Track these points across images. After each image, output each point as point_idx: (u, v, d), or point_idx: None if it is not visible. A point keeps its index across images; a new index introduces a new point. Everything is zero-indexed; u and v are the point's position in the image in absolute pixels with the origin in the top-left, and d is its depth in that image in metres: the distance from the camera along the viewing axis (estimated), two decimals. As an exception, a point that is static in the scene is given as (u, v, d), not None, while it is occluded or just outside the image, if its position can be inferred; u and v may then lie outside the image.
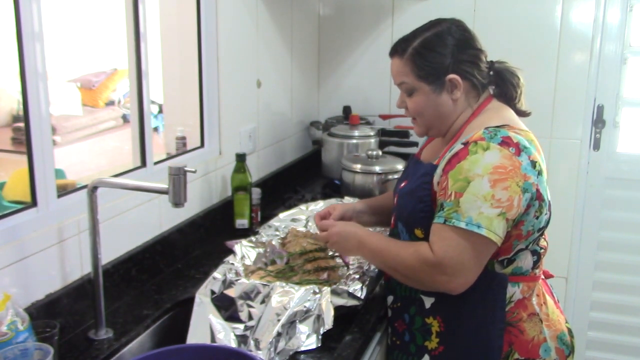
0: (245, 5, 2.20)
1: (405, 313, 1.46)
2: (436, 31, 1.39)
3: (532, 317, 1.38)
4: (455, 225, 1.25)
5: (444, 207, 1.28)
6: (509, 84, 1.44)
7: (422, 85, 1.39)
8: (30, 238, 1.32)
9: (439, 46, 1.37)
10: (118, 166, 3.25)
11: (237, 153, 2.04)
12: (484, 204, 1.24)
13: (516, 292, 1.37)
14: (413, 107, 1.43)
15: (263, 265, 1.66)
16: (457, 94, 1.39)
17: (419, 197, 1.38)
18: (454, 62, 1.37)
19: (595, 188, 2.66)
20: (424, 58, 1.37)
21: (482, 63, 1.41)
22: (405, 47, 1.40)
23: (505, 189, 1.24)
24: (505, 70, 1.44)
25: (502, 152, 1.27)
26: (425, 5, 2.72)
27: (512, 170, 1.26)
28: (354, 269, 1.60)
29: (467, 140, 1.31)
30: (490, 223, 1.24)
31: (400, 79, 1.42)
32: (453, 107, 1.41)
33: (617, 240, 2.68)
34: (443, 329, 1.40)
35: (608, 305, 2.73)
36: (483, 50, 1.42)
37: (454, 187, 1.27)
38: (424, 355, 1.42)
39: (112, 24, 3.52)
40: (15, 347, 1.11)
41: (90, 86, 4.17)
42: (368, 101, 2.92)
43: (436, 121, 1.43)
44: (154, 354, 1.12)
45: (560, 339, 1.43)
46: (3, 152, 3.40)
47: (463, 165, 1.27)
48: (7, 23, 1.32)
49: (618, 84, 2.56)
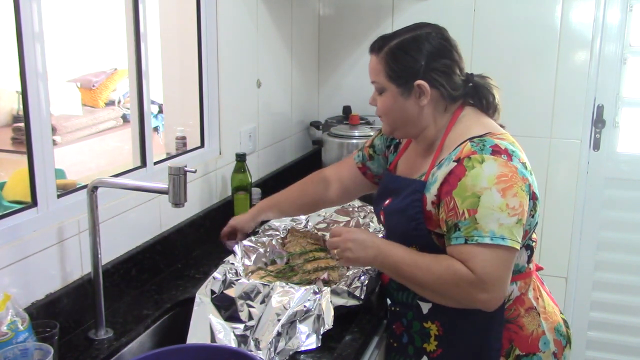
0: (245, 5, 2.20)
1: (403, 317, 1.47)
2: (414, 35, 1.37)
3: (530, 311, 1.40)
4: (479, 243, 1.24)
5: (459, 227, 1.26)
6: (484, 100, 1.42)
7: (391, 86, 1.38)
8: (30, 238, 1.32)
9: (413, 50, 1.35)
10: (118, 166, 3.25)
11: (237, 153, 2.04)
12: (501, 215, 1.23)
13: (514, 290, 1.38)
14: (380, 106, 1.43)
15: (263, 265, 1.66)
16: (424, 100, 1.37)
17: (410, 215, 1.36)
18: (425, 69, 1.35)
19: (595, 188, 2.66)
20: (396, 59, 1.36)
21: (456, 75, 1.38)
22: (382, 45, 1.39)
23: (515, 195, 1.25)
24: (482, 87, 1.42)
25: (497, 161, 1.27)
26: (425, 5, 2.71)
27: (513, 176, 1.26)
28: (354, 269, 1.59)
29: (457, 156, 1.30)
30: (511, 233, 1.24)
31: (374, 76, 1.42)
32: (419, 113, 1.39)
33: (617, 240, 2.68)
34: (442, 332, 1.40)
35: (608, 305, 2.73)
36: (459, 62, 1.40)
37: (464, 205, 1.25)
38: (422, 357, 1.43)
39: (112, 24, 3.52)
40: (15, 347, 1.11)
41: (90, 86, 4.17)
42: (368, 101, 2.92)
43: (400, 123, 1.43)
44: (154, 354, 1.12)
45: (557, 330, 1.44)
46: (3, 152, 3.40)
47: (466, 182, 1.26)
48: (7, 23, 1.32)
49: (618, 84, 2.56)
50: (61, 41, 3.61)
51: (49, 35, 1.37)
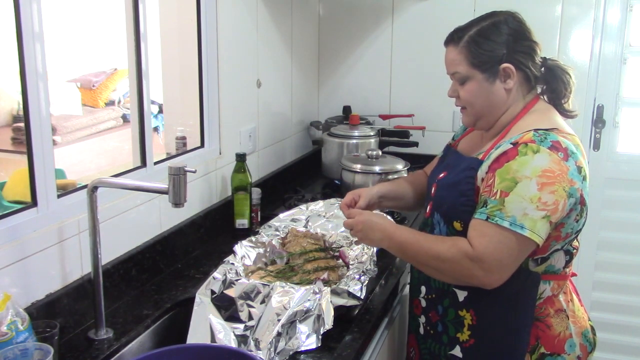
0: (245, 6, 2.20)
1: (439, 304, 1.48)
2: (493, 21, 1.40)
3: (559, 313, 1.41)
4: (497, 224, 1.26)
5: (487, 204, 1.28)
6: (560, 82, 1.43)
7: (476, 73, 1.39)
8: (30, 238, 1.32)
9: (494, 35, 1.38)
10: (118, 166, 3.25)
11: (237, 153, 2.04)
12: (529, 206, 1.25)
13: (546, 289, 1.39)
14: (465, 95, 1.43)
15: (263, 265, 1.66)
16: (510, 83, 1.39)
17: (461, 190, 1.38)
18: (508, 52, 1.37)
19: (595, 188, 2.66)
20: (478, 46, 1.38)
21: (537, 56, 1.41)
22: (461, 36, 1.41)
23: (552, 192, 1.25)
24: (557, 67, 1.43)
25: (551, 157, 1.27)
26: (425, 5, 2.72)
27: (560, 175, 1.27)
28: (353, 269, 1.59)
29: (516, 140, 1.32)
30: (534, 225, 1.25)
31: (454, 67, 1.42)
32: (505, 97, 1.41)
33: (617, 240, 2.68)
34: (475, 322, 1.41)
35: (608, 305, 2.73)
36: (538, 44, 1.42)
37: (500, 186, 1.27)
38: (455, 346, 1.45)
39: (112, 24, 3.52)
40: (15, 347, 1.11)
41: (90, 86, 4.16)
42: (368, 101, 2.93)
43: (486, 111, 1.43)
44: (154, 354, 1.12)
45: (585, 335, 1.45)
46: (3, 152, 3.39)
47: (512, 165, 1.28)
48: (7, 23, 1.32)
49: (618, 84, 2.56)
50: (61, 41, 3.61)
51: (49, 35, 1.37)
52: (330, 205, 1.91)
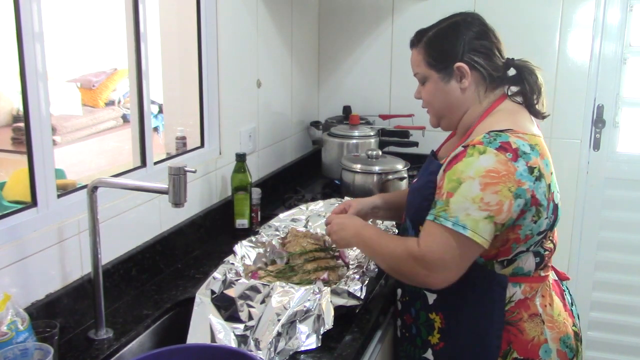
0: (245, 6, 2.20)
1: (412, 307, 1.49)
2: (451, 22, 1.43)
3: (534, 317, 1.38)
4: (442, 224, 1.27)
5: (436, 205, 1.30)
6: (527, 83, 1.43)
7: (432, 73, 1.42)
8: (30, 238, 1.32)
9: (450, 35, 1.40)
10: (118, 166, 3.25)
11: (237, 153, 2.04)
12: (472, 206, 1.25)
13: (517, 292, 1.37)
14: (424, 96, 1.47)
15: (263, 265, 1.66)
16: (465, 83, 1.39)
17: (424, 195, 1.39)
18: (463, 51, 1.38)
19: (595, 188, 2.66)
20: (434, 46, 1.41)
21: (495, 56, 1.41)
22: (420, 38, 1.45)
23: (496, 193, 1.25)
24: (524, 68, 1.43)
25: (497, 157, 1.26)
26: (425, 5, 2.72)
27: (506, 175, 1.25)
28: (353, 269, 1.60)
29: (467, 143, 1.32)
30: (476, 225, 1.25)
31: (415, 68, 1.46)
32: (462, 96, 1.41)
33: (617, 240, 2.68)
34: (444, 324, 1.41)
35: (608, 305, 2.73)
36: (497, 44, 1.42)
37: (447, 187, 1.29)
38: (427, 349, 1.45)
39: (112, 24, 3.52)
40: (15, 347, 1.11)
41: (90, 86, 4.16)
42: (368, 101, 2.93)
43: (446, 111, 1.45)
44: (154, 354, 1.12)
45: (564, 341, 1.41)
46: (3, 152, 3.39)
47: (458, 167, 1.29)
48: (7, 23, 1.32)
49: (618, 84, 2.56)
50: (61, 41, 3.61)
51: (49, 35, 1.37)
52: (330, 205, 1.92)
